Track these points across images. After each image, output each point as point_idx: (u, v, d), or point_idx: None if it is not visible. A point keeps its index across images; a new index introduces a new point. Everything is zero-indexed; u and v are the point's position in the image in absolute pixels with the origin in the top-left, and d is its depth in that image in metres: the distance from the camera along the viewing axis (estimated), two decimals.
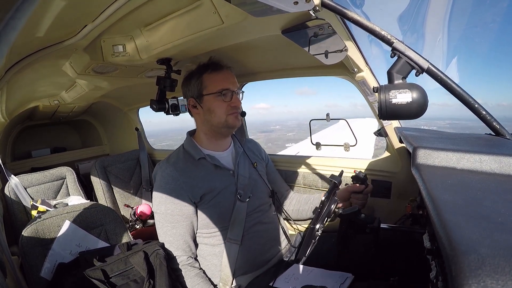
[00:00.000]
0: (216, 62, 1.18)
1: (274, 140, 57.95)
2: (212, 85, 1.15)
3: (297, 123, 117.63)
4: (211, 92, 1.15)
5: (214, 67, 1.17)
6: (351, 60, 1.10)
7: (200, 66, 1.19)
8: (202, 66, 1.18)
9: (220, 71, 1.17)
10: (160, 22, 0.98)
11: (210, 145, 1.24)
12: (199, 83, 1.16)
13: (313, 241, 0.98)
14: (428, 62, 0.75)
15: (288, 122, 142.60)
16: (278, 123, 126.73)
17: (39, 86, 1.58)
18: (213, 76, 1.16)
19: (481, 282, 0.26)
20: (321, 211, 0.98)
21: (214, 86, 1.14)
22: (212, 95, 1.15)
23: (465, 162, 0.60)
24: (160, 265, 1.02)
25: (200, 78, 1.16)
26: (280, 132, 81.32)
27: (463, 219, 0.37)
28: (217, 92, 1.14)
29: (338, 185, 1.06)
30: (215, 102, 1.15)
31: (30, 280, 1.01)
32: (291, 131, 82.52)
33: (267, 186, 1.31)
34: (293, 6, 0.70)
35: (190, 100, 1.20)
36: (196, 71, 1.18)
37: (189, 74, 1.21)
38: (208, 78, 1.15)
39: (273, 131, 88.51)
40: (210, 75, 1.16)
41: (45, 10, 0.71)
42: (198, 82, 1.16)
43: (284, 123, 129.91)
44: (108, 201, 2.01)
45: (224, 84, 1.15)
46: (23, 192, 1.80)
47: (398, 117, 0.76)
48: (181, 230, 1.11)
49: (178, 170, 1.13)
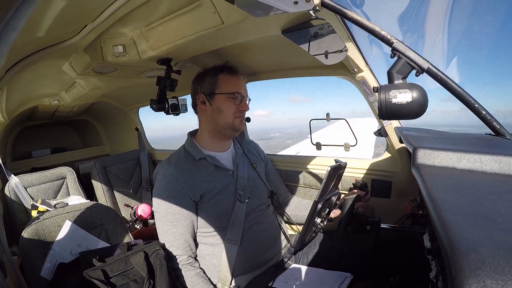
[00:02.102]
0: (232, 66, 1.22)
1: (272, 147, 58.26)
2: (226, 86, 1.18)
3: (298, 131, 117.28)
4: (224, 92, 1.17)
5: (230, 70, 1.21)
6: (351, 60, 1.10)
7: (216, 66, 1.22)
8: (218, 67, 1.21)
9: (235, 75, 1.21)
10: (160, 22, 0.98)
11: (211, 145, 1.24)
12: (213, 82, 1.18)
13: (313, 235, 0.98)
14: (428, 62, 0.75)
15: (289, 129, 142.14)
16: (279, 131, 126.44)
17: (39, 86, 1.58)
18: (228, 77, 1.19)
19: (481, 282, 0.26)
20: (325, 185, 0.92)
21: (228, 87, 1.18)
22: (224, 95, 1.17)
23: (465, 162, 0.60)
24: (160, 265, 1.02)
25: (215, 77, 1.19)
26: (279, 140, 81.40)
27: (463, 219, 0.37)
28: (229, 93, 1.17)
29: (343, 168, 1.03)
30: (225, 103, 1.17)
31: (30, 280, 1.01)
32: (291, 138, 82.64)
33: (266, 186, 1.31)
34: (293, 6, 0.70)
35: (200, 96, 1.21)
36: (211, 70, 1.21)
37: (204, 72, 1.23)
38: (223, 78, 1.18)
39: (272, 139, 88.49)
40: (226, 76, 1.19)
41: (45, 10, 0.71)
42: (213, 80, 1.19)
43: (284, 130, 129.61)
44: (108, 201, 2.01)
45: (237, 88, 1.19)
46: (23, 192, 1.80)
47: (398, 117, 0.76)
48: (182, 229, 1.12)
49: (179, 169, 1.14)
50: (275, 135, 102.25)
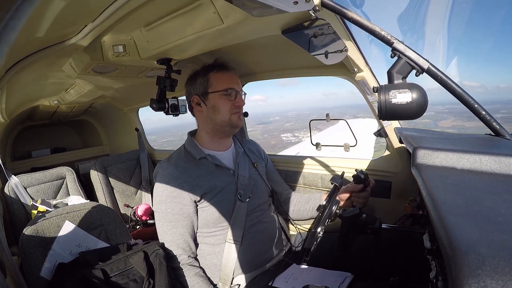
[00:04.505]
0: (222, 63, 1.21)
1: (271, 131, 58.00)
2: (218, 84, 1.17)
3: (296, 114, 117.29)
4: (217, 90, 1.17)
5: (220, 67, 1.20)
6: (351, 60, 1.10)
7: (206, 66, 1.21)
8: (208, 66, 1.21)
9: (226, 72, 1.20)
10: (160, 22, 0.98)
11: (211, 144, 1.24)
12: (205, 81, 1.18)
13: (314, 242, 0.98)
14: (428, 62, 0.75)
15: (288, 112, 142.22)
16: (278, 114, 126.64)
17: (39, 86, 1.58)
18: (219, 75, 1.18)
19: (481, 282, 0.26)
20: (322, 215, 0.98)
21: (220, 85, 1.17)
22: (218, 93, 1.17)
23: (465, 162, 0.60)
24: (160, 265, 1.02)
25: (206, 76, 1.18)
26: (278, 123, 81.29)
27: (463, 219, 0.37)
28: (222, 90, 1.16)
29: (339, 187, 1.06)
30: (220, 100, 1.17)
31: (29, 280, 1.01)
32: (289, 121, 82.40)
33: (267, 185, 1.31)
34: (293, 6, 0.70)
35: (194, 98, 1.21)
36: (202, 70, 1.21)
37: (195, 73, 1.23)
38: (214, 77, 1.18)
39: (271, 122, 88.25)
40: (216, 74, 1.18)
41: (45, 10, 0.71)
42: (204, 80, 1.18)
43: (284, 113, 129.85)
44: (108, 201, 2.01)
45: (230, 84, 1.17)
46: (23, 192, 1.80)
47: (398, 117, 0.76)
48: (181, 230, 1.11)
49: (178, 169, 1.13)
50: (274, 118, 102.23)
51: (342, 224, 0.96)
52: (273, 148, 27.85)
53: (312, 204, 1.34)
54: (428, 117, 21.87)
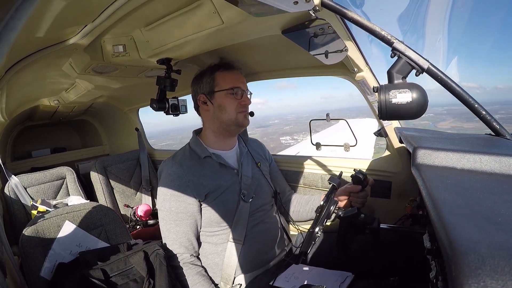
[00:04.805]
0: (228, 62, 1.23)
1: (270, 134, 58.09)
2: (224, 83, 1.18)
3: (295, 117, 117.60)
4: (223, 89, 1.17)
5: (226, 67, 1.21)
6: (351, 60, 1.10)
7: (212, 65, 1.22)
8: (214, 65, 1.21)
9: (232, 71, 1.21)
10: (160, 22, 0.98)
11: (217, 143, 1.24)
12: (211, 80, 1.19)
13: (312, 242, 0.98)
14: (428, 62, 0.75)
15: (287, 115, 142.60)
16: (277, 117, 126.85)
17: (39, 86, 1.58)
18: (225, 74, 1.19)
19: (481, 282, 0.26)
20: (319, 215, 0.98)
21: (226, 84, 1.17)
22: (224, 91, 1.17)
23: (465, 162, 0.60)
24: (160, 265, 1.02)
25: (212, 75, 1.19)
26: (277, 126, 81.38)
27: (463, 219, 0.37)
28: (229, 89, 1.17)
29: (336, 188, 1.06)
30: (226, 99, 1.17)
31: (29, 280, 1.01)
32: (288, 124, 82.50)
33: (271, 186, 1.31)
34: (293, 6, 0.70)
35: (201, 97, 1.21)
36: (208, 70, 1.22)
37: (201, 72, 1.24)
38: (221, 76, 1.18)
39: (270, 126, 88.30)
40: (222, 73, 1.19)
41: (45, 10, 0.71)
42: (211, 79, 1.19)
43: (283, 116, 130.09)
44: (108, 201, 2.01)
45: (236, 83, 1.18)
46: (23, 192, 1.80)
47: (398, 117, 0.76)
48: (185, 228, 1.11)
49: (183, 168, 1.14)
50: (273, 121, 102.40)
51: (340, 224, 0.96)
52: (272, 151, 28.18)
53: (311, 206, 1.34)
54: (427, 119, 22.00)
